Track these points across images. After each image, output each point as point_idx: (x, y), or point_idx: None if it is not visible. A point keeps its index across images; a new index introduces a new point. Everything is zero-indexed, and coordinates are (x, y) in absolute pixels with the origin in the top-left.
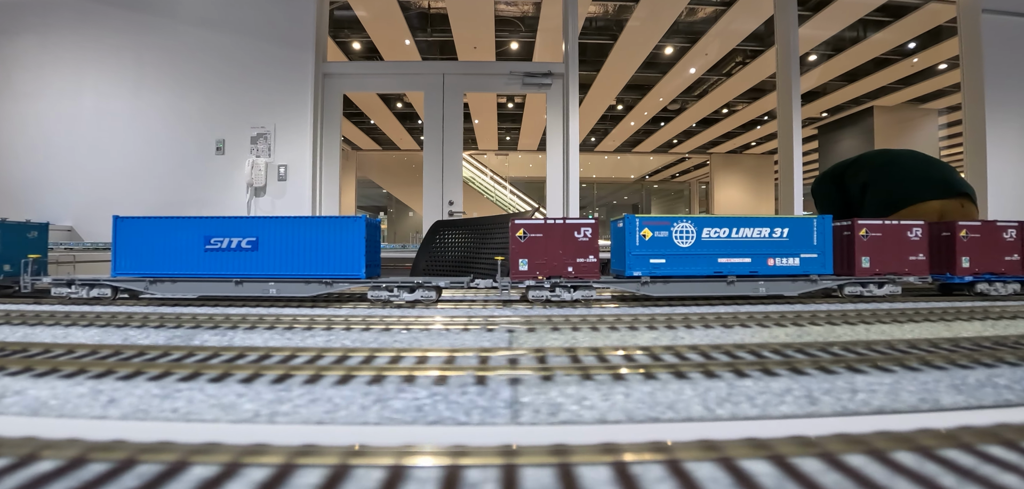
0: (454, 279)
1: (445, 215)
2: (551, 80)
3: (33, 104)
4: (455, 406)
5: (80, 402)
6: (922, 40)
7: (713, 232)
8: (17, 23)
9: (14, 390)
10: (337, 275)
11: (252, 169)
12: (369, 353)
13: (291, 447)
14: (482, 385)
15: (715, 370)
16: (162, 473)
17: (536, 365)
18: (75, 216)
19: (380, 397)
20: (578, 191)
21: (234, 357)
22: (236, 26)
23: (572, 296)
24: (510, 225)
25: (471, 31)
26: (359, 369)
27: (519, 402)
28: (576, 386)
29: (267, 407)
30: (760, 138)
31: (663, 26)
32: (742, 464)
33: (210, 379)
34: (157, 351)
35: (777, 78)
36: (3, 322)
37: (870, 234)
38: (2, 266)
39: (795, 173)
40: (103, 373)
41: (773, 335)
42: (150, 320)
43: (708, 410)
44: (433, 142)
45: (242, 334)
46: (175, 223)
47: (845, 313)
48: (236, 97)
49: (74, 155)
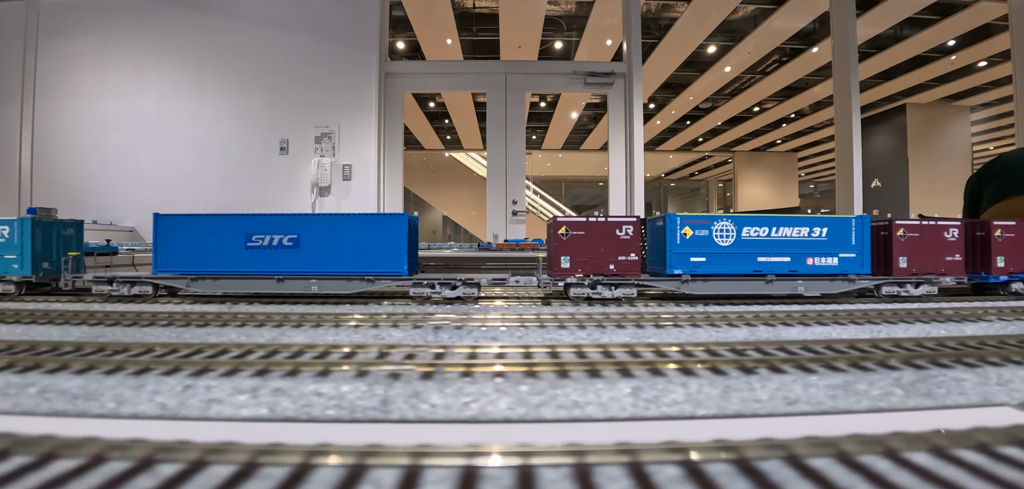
0: (495, 276)
1: (508, 214)
2: (613, 79)
3: (94, 104)
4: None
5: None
6: (964, 38)
7: (753, 231)
8: (76, 24)
9: (200, 393)
10: (380, 272)
11: (318, 169)
12: (500, 349)
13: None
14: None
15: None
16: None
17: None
18: (138, 217)
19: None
20: (643, 189)
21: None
22: (298, 26)
23: (613, 294)
24: (552, 223)
25: (519, 30)
26: (504, 367)
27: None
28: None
29: (451, 398)
30: (786, 136)
31: (710, 25)
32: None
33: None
34: (263, 349)
35: (834, 76)
36: (95, 323)
37: (908, 234)
38: (41, 263)
39: (855, 171)
40: (230, 371)
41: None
42: (224, 318)
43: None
44: (496, 142)
45: (331, 333)
46: (216, 221)
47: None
48: (300, 97)
49: (136, 156)
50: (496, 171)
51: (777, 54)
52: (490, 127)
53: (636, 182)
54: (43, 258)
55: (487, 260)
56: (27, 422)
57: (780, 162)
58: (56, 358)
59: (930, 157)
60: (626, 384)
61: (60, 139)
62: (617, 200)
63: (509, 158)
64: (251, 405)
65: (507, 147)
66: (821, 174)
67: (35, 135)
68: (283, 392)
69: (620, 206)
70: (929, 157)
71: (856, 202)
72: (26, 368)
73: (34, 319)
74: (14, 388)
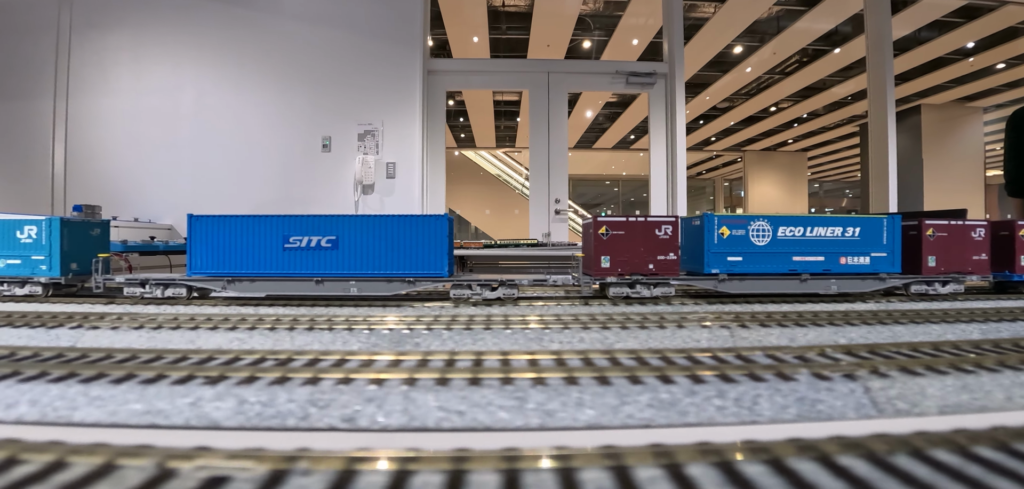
0: (536, 277)
1: (551, 213)
2: (654, 79)
3: (130, 100)
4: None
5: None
6: (985, 41)
7: (788, 231)
8: (112, 18)
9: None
10: (420, 273)
11: (362, 166)
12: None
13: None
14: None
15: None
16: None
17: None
18: (176, 215)
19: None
20: (685, 188)
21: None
22: (341, 22)
23: (652, 293)
24: (592, 222)
25: (550, 30)
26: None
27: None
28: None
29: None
30: (798, 136)
31: (739, 27)
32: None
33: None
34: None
35: (868, 75)
36: (155, 326)
37: (936, 234)
38: (69, 264)
39: (890, 170)
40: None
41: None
42: (283, 323)
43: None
44: (539, 141)
45: (412, 336)
46: (253, 222)
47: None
48: (343, 94)
49: (174, 153)
50: (539, 170)
51: (799, 55)
52: (532, 126)
53: (678, 182)
54: (71, 259)
55: (519, 258)
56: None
57: (790, 161)
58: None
59: (944, 157)
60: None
61: (95, 136)
62: (658, 199)
63: (552, 157)
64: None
65: (550, 146)
66: (828, 173)
67: (69, 132)
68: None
69: (661, 206)
70: (943, 157)
71: (891, 200)
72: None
73: (83, 322)
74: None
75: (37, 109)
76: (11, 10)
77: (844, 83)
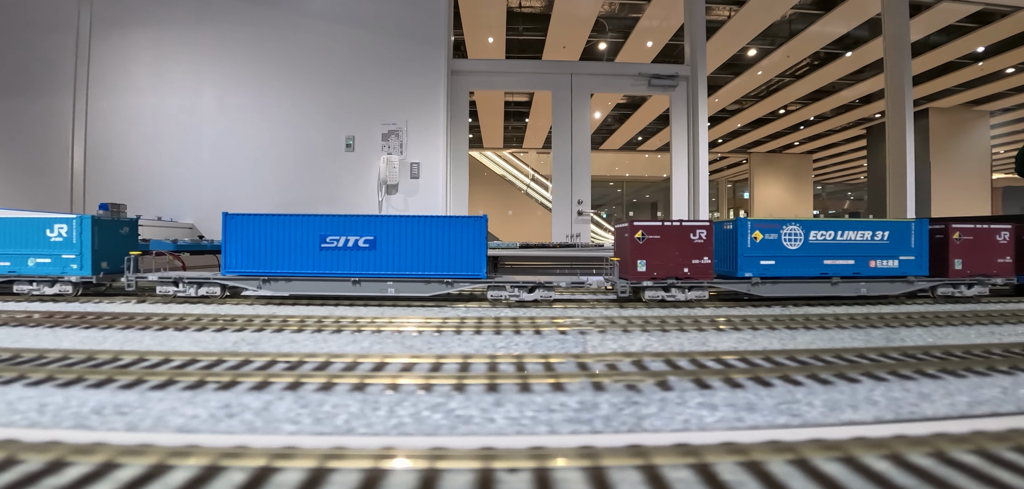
0: (574, 279)
1: (574, 214)
2: (676, 82)
3: (150, 99)
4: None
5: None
6: (995, 46)
7: (820, 235)
8: (132, 15)
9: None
10: (458, 274)
11: (386, 166)
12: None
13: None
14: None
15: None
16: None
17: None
18: (196, 214)
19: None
20: (707, 191)
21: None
22: (364, 22)
23: (686, 296)
24: (628, 226)
25: (567, 32)
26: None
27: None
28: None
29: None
30: (804, 138)
31: (755, 30)
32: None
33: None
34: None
35: (886, 77)
36: (237, 329)
37: (962, 237)
38: (100, 263)
39: (908, 173)
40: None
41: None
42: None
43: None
44: (562, 142)
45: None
46: (289, 221)
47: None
48: (366, 93)
49: (195, 151)
50: (561, 171)
51: (811, 58)
52: (555, 128)
53: (701, 184)
54: (102, 257)
55: (547, 259)
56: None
57: (795, 164)
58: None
59: (951, 160)
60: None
61: (115, 134)
62: (679, 202)
63: (575, 159)
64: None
65: (573, 148)
66: (831, 176)
67: (88, 130)
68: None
69: (682, 208)
70: (950, 160)
71: (909, 204)
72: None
73: (155, 323)
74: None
75: (56, 107)
76: (30, 7)
77: (854, 86)
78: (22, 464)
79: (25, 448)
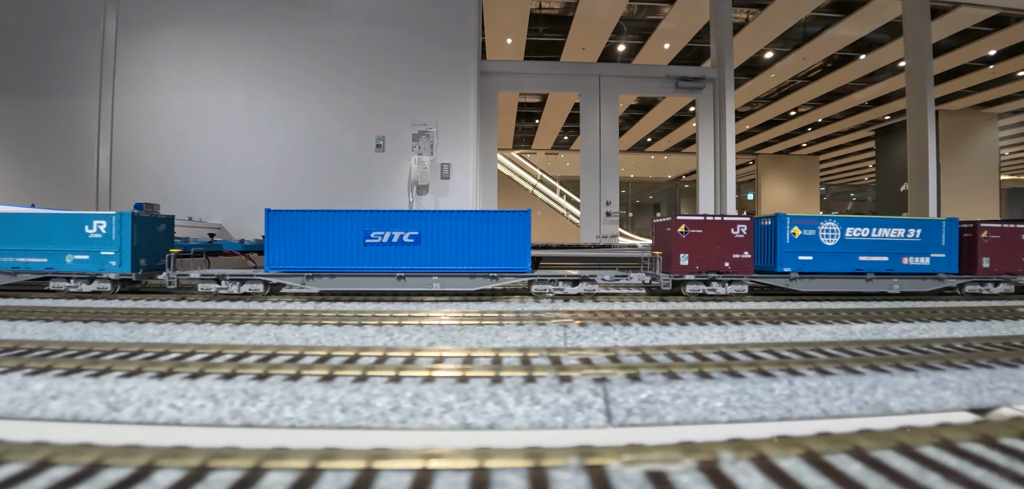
0: (619, 272)
1: (602, 215)
2: (703, 84)
3: (180, 98)
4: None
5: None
6: (1008, 50)
7: (855, 231)
8: (161, 14)
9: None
10: (504, 269)
11: (418, 166)
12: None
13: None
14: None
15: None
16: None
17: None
18: (224, 213)
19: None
20: (734, 189)
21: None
22: (395, 23)
23: (726, 290)
24: (671, 221)
25: (588, 34)
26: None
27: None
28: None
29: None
30: (812, 140)
31: (773, 33)
32: None
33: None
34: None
35: (907, 79)
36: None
37: (990, 236)
38: (139, 260)
39: (929, 173)
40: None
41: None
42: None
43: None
44: (590, 143)
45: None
46: (332, 217)
47: None
48: (397, 94)
49: (224, 151)
50: (590, 172)
51: (825, 61)
52: (584, 129)
53: (728, 183)
54: (140, 254)
55: (584, 260)
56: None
57: (802, 165)
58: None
59: (960, 162)
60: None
61: (142, 134)
62: (706, 200)
63: (603, 160)
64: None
65: (601, 149)
66: (835, 177)
67: (115, 129)
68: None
69: (709, 207)
70: (959, 162)
71: (931, 203)
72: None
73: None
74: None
75: (82, 106)
76: (56, 6)
77: (866, 89)
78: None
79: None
